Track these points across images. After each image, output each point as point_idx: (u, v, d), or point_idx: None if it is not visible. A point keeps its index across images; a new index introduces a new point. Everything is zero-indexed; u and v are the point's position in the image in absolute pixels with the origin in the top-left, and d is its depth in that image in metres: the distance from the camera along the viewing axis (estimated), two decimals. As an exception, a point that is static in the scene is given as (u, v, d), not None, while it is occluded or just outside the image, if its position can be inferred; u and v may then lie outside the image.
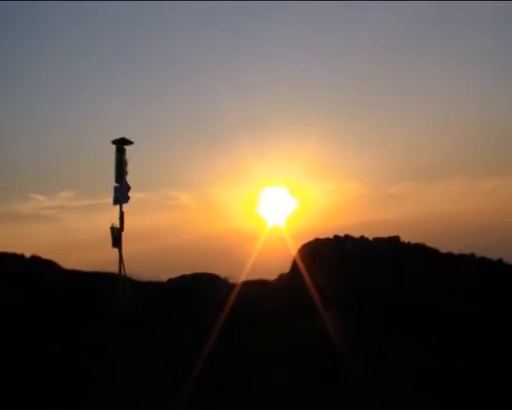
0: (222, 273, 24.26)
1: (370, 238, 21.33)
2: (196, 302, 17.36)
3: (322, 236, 22.10)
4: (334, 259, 20.02)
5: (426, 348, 13.82)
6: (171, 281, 22.52)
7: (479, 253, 21.55)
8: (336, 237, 21.45)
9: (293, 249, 21.84)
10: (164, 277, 23.14)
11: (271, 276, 23.83)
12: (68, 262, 24.02)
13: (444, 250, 21.76)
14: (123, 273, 16.70)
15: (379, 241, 21.16)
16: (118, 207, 16.88)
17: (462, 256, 21.45)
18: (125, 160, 16.96)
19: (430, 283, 19.55)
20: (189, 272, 23.86)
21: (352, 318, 16.23)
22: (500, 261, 21.18)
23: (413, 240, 21.86)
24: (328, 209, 59.69)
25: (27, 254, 23.92)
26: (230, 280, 23.32)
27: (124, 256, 16.72)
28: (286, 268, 22.11)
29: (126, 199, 16.88)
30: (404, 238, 21.69)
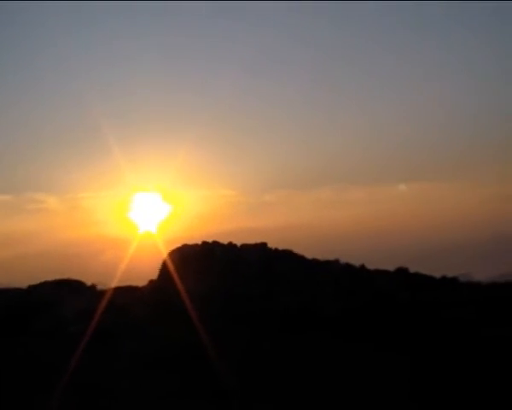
0: (90, 280, 23.26)
1: (238, 245, 21.79)
2: (56, 311, 16.50)
3: (194, 242, 22.14)
4: (203, 264, 20.16)
5: (299, 351, 14.31)
6: (31, 288, 21.09)
7: (343, 259, 22.94)
8: (204, 244, 21.63)
9: (164, 255, 21.61)
10: (25, 284, 21.60)
11: (143, 282, 23.38)
12: None
13: (310, 256, 22.80)
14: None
15: (247, 247, 21.68)
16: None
17: (327, 262, 22.62)
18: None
19: (297, 286, 20.39)
20: (53, 279, 22.59)
21: (221, 319, 16.44)
22: (363, 267, 22.68)
23: (283, 247, 22.65)
24: (203, 215, 59.69)
25: None
26: (99, 287, 22.46)
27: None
28: (157, 274, 21.82)
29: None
30: (276, 245, 22.42)
